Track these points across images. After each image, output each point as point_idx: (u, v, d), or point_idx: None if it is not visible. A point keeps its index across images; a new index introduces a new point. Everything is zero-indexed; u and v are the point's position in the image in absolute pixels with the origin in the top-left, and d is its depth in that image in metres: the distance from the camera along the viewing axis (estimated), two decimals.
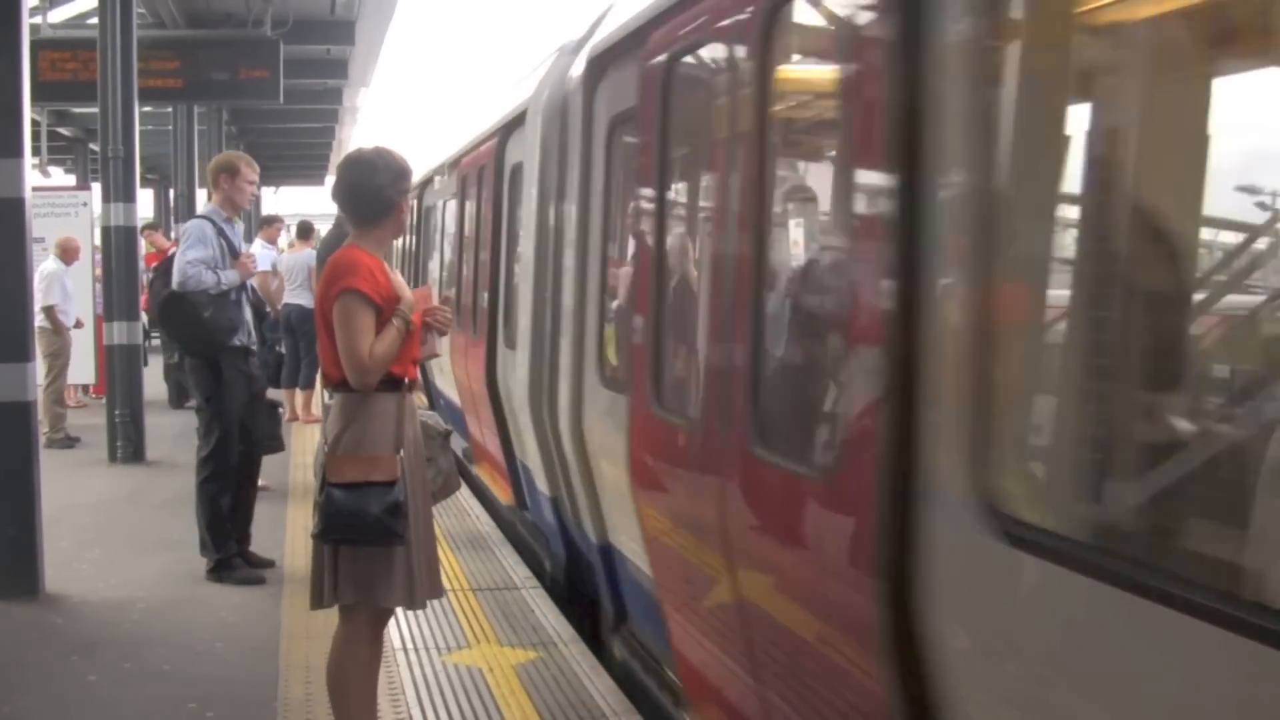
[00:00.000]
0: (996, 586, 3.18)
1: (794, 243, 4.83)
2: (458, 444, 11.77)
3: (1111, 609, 2.75)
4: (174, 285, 8.62)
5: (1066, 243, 3.41)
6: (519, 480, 9.85)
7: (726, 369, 4.74)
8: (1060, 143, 3.37)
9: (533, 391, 8.33)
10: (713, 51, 5.26)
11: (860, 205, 3.90)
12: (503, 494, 10.89)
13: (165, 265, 9.09)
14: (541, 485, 8.59)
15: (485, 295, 10.91)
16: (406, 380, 5.36)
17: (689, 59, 5.58)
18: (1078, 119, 3.37)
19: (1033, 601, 3.09)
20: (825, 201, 4.55)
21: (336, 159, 38.35)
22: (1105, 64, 3.36)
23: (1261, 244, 3.10)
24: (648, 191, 6.02)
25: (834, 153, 4.50)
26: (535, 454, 8.52)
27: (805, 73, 4.90)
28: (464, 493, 11.24)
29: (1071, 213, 3.43)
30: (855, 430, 3.77)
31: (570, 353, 7.54)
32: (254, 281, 9.16)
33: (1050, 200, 3.40)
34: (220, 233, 8.70)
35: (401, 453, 5.17)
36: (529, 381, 8.39)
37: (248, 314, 8.86)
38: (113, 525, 10.47)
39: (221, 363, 8.62)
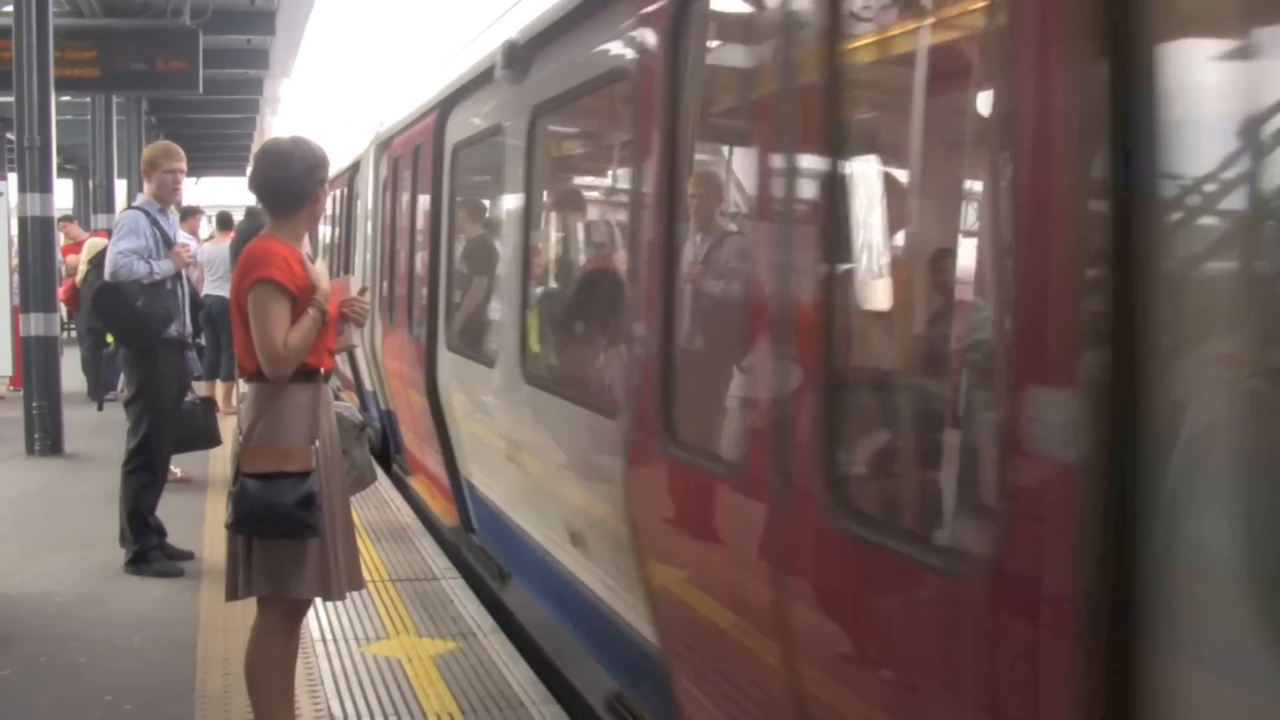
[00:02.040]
0: (450, 376, 9.03)
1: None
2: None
3: (466, 369, 8.55)
4: (106, 276, 8.60)
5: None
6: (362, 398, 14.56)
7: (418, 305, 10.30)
8: None
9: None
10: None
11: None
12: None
13: (100, 258, 9.03)
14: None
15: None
16: (321, 371, 5.36)
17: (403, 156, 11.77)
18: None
19: (455, 376, 8.89)
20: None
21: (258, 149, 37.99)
22: None
23: None
24: (395, 217, 12.15)
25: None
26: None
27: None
28: (384, 484, 11.25)
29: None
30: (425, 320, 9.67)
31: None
32: (193, 274, 9.14)
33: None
34: (154, 223, 8.66)
35: (316, 444, 5.17)
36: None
37: (184, 304, 8.82)
38: (28, 519, 10.36)
39: (157, 354, 8.58)
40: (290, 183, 5.35)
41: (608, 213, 6.96)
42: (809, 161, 3.66)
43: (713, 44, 4.78)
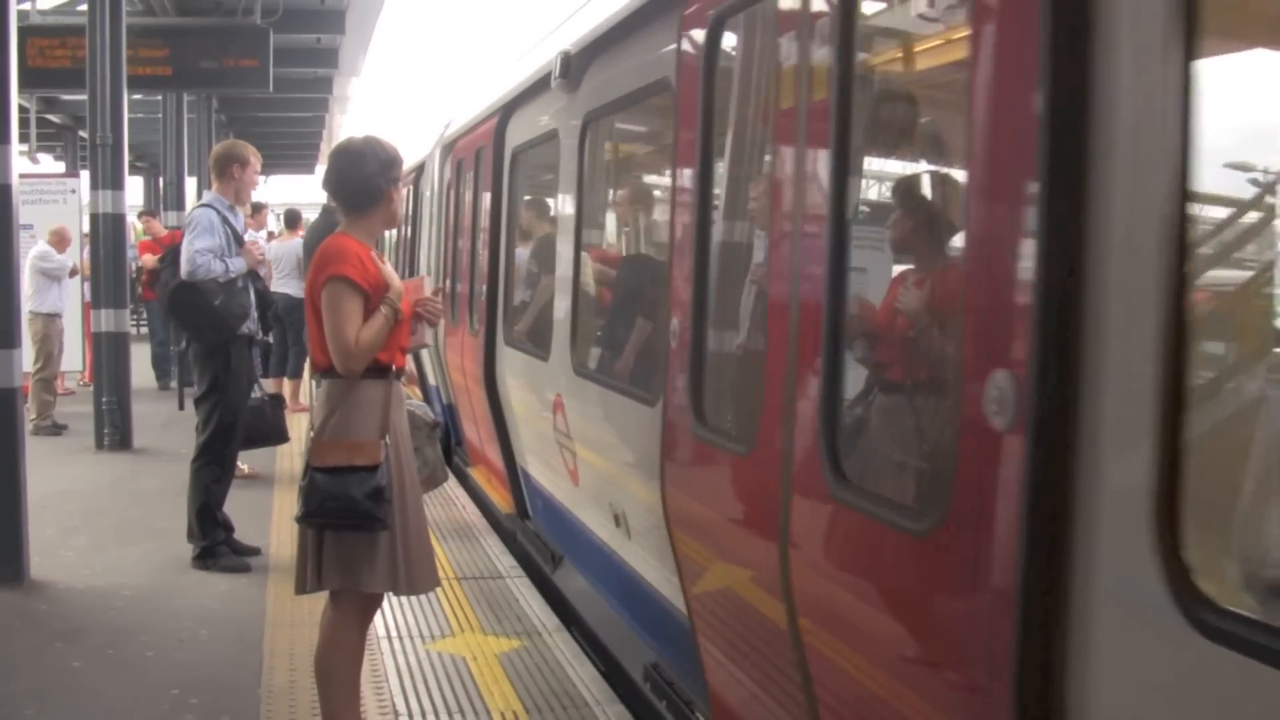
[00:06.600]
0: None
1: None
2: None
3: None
4: (183, 274, 8.57)
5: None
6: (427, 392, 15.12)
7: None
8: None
9: None
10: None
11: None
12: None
13: (172, 255, 9.00)
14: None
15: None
16: (394, 368, 5.38)
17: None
18: None
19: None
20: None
21: (327, 148, 38.22)
22: None
23: None
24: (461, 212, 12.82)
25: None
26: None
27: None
28: (451, 483, 11.27)
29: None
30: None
31: None
32: (262, 271, 9.17)
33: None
34: (225, 220, 8.69)
35: (387, 439, 5.19)
36: None
37: (253, 301, 8.85)
38: (98, 512, 10.47)
39: (230, 351, 8.64)
40: (364, 181, 5.37)
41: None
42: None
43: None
